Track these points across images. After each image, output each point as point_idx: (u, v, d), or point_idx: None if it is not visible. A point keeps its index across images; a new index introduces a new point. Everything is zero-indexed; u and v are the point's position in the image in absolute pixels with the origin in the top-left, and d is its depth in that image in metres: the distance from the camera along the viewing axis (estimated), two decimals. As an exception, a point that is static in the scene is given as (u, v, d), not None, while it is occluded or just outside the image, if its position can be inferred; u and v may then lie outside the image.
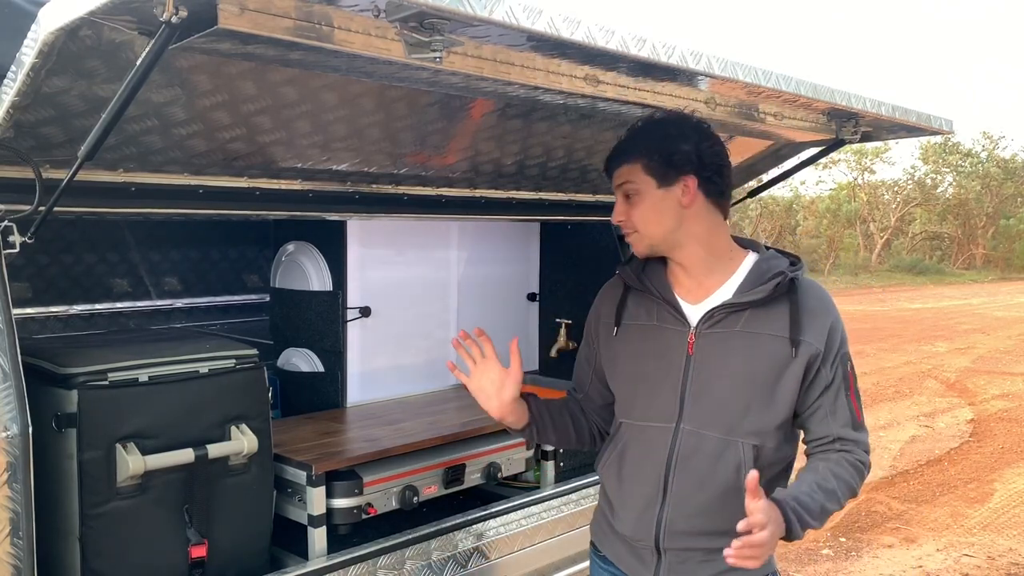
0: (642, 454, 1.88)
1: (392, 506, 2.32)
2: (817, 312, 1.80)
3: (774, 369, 1.78)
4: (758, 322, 1.80)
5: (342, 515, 2.21)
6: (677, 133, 1.82)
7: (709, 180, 1.81)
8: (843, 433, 1.79)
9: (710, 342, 1.82)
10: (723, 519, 1.77)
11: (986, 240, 36.10)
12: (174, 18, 1.19)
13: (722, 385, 1.81)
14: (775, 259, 1.86)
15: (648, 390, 1.89)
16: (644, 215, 1.84)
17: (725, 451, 1.79)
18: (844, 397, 1.79)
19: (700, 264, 1.85)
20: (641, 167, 1.83)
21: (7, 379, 1.62)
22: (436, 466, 2.43)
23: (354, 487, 2.23)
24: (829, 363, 1.78)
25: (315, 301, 2.86)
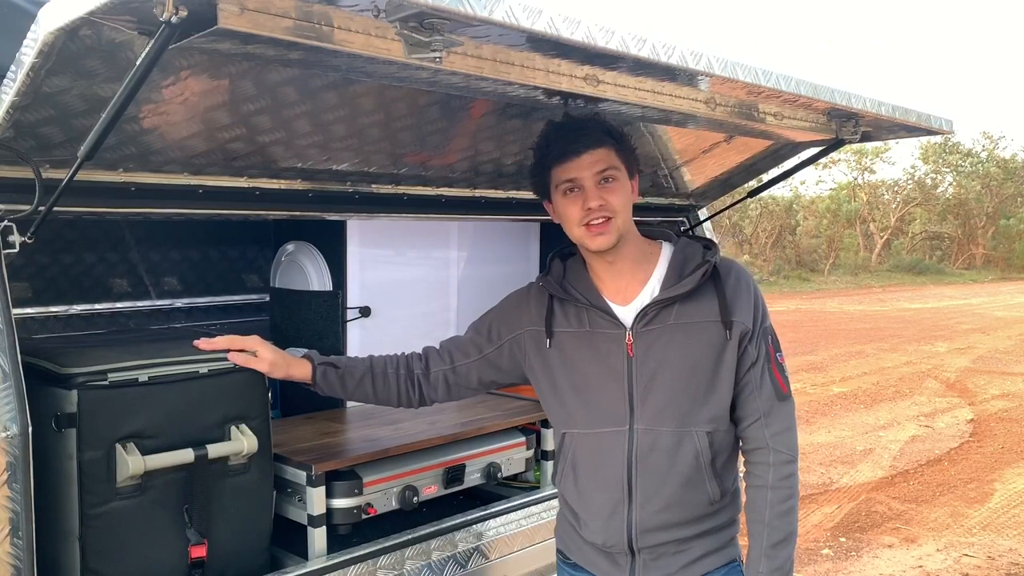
0: (599, 462, 1.88)
1: (392, 506, 2.32)
2: (741, 290, 1.86)
3: (713, 354, 1.83)
4: (689, 311, 1.84)
5: (342, 515, 2.21)
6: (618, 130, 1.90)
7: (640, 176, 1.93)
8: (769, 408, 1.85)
9: (648, 340, 1.84)
10: (689, 508, 1.86)
11: (986, 240, 36.11)
12: (174, 18, 1.19)
13: (668, 379, 1.83)
14: (690, 247, 1.92)
15: (592, 398, 1.89)
16: (622, 201, 1.84)
17: (681, 443, 1.83)
18: (767, 371, 1.86)
19: (630, 258, 1.89)
20: (615, 153, 1.85)
21: (7, 379, 1.62)
22: (436, 466, 2.43)
23: (354, 487, 2.22)
24: (755, 339, 1.85)
25: (315, 301, 2.86)
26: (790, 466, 1.86)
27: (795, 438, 1.89)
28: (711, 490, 1.86)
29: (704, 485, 1.85)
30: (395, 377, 2.08)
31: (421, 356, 2.13)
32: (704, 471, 1.84)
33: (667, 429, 1.83)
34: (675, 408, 1.83)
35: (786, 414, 1.88)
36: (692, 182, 3.25)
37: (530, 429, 2.75)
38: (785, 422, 1.87)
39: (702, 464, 1.84)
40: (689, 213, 3.44)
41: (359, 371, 2.07)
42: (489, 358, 2.07)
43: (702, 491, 1.85)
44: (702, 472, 1.84)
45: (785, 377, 1.89)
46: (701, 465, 1.84)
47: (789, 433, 1.87)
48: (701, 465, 1.84)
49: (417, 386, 2.09)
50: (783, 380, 1.88)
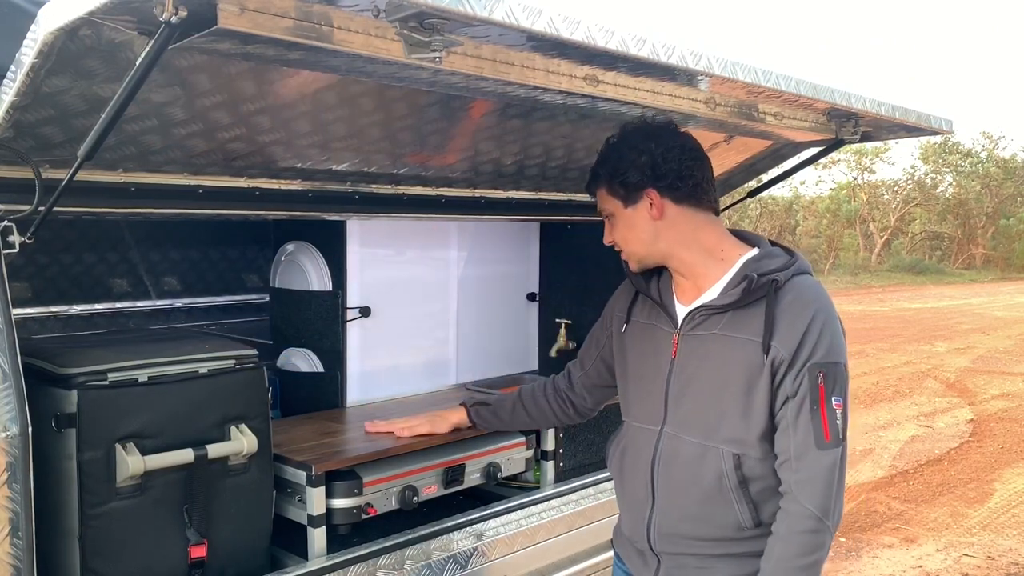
0: (634, 455, 1.91)
1: (392, 506, 2.31)
2: (792, 316, 1.70)
3: (746, 375, 1.72)
4: (736, 325, 1.75)
5: (342, 515, 2.21)
6: (629, 150, 1.82)
7: (671, 187, 1.80)
8: (800, 452, 1.67)
9: (690, 345, 1.81)
10: (713, 527, 1.77)
11: (986, 240, 36.11)
12: (174, 18, 1.19)
13: (699, 389, 1.79)
14: (768, 258, 1.80)
15: (640, 391, 1.93)
16: (623, 235, 1.88)
17: (705, 457, 1.77)
18: (808, 411, 1.67)
19: (692, 267, 1.84)
20: (607, 191, 1.86)
21: (7, 379, 1.62)
22: (436, 466, 2.43)
23: (354, 487, 2.22)
24: (795, 372, 1.68)
25: (315, 301, 2.86)
26: (808, 521, 1.66)
27: (825, 493, 1.66)
28: (740, 514, 1.75)
29: (731, 507, 1.74)
30: (545, 399, 2.24)
31: (564, 372, 2.25)
32: (731, 492, 1.74)
33: (692, 439, 1.78)
34: (702, 420, 1.77)
35: (821, 464, 1.66)
36: (692, 182, 3.24)
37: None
38: (816, 471, 1.67)
39: (727, 484, 1.74)
40: (689, 213, 3.44)
41: (509, 402, 2.30)
42: (605, 347, 2.10)
43: (729, 513, 1.75)
44: (727, 493, 1.74)
45: (835, 425, 1.67)
46: (726, 485, 1.74)
47: (817, 485, 1.66)
48: (726, 485, 1.74)
49: (567, 401, 2.22)
50: (829, 426, 1.66)
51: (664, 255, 1.85)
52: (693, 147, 1.85)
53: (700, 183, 1.82)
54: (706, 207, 1.84)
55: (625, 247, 1.90)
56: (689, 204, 1.82)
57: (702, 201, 1.83)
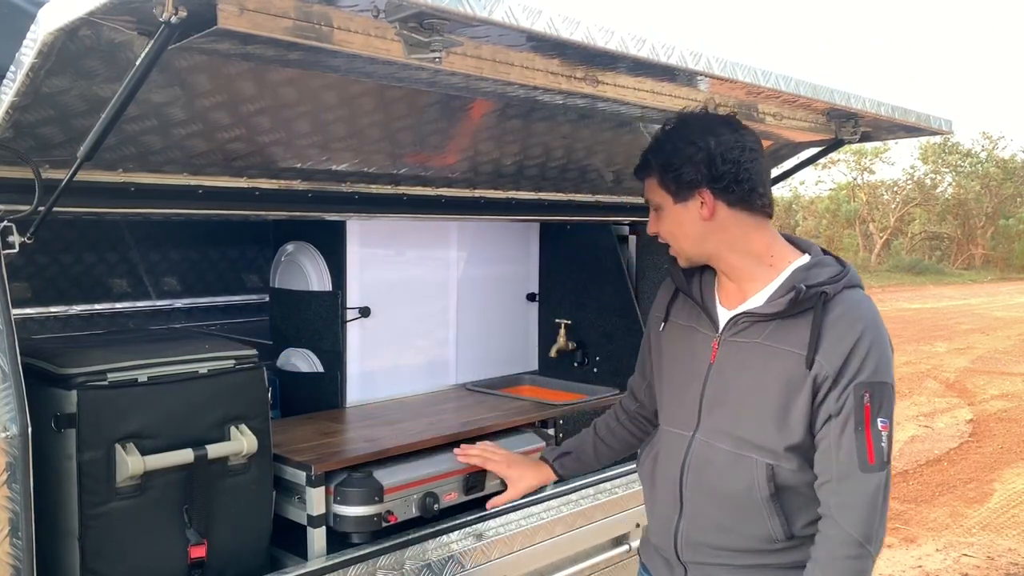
0: (665, 460, 1.85)
1: (412, 513, 2.25)
2: (839, 331, 1.63)
3: (788, 387, 1.66)
4: (780, 335, 1.68)
5: (361, 523, 2.16)
6: (686, 143, 1.72)
7: (726, 190, 1.70)
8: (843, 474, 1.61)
9: (730, 351, 1.75)
10: (743, 538, 1.72)
11: (985, 240, 36.12)
12: (173, 18, 1.19)
13: (735, 397, 1.73)
14: (818, 267, 1.72)
15: (674, 394, 1.88)
16: (670, 230, 1.81)
17: (737, 465, 1.71)
18: (852, 431, 1.60)
19: (739, 271, 1.77)
20: (657, 182, 1.78)
21: (6, 379, 1.61)
22: (456, 472, 2.37)
23: (374, 494, 2.17)
24: (839, 390, 1.61)
25: (315, 301, 2.86)
26: (849, 547, 1.59)
27: (868, 518, 1.59)
28: (772, 527, 1.69)
29: (763, 520, 1.69)
30: (621, 427, 2.16)
31: (628, 392, 2.18)
32: (762, 504, 1.68)
33: (724, 447, 1.73)
34: (736, 428, 1.72)
35: (864, 488, 1.59)
36: (692, 182, 3.25)
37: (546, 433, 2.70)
38: (859, 496, 1.60)
39: (758, 496, 1.68)
40: (689, 213, 3.44)
41: (588, 442, 2.20)
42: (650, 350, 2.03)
43: (760, 525, 1.69)
44: (759, 504, 1.68)
45: (880, 447, 1.61)
46: (757, 496, 1.68)
47: (860, 510, 1.59)
48: (757, 496, 1.68)
49: (642, 419, 2.13)
50: (874, 448, 1.60)
51: (710, 255, 1.79)
52: (753, 146, 1.73)
53: (756, 187, 1.72)
54: (759, 211, 1.75)
55: (671, 242, 1.83)
56: (742, 207, 1.73)
57: (756, 205, 1.74)
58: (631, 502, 2.81)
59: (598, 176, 2.92)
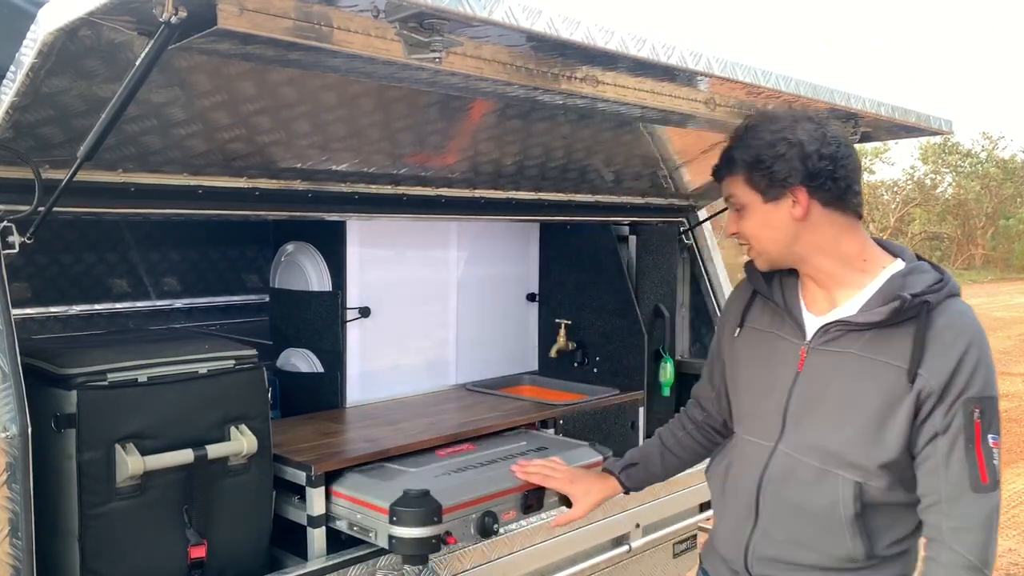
0: (740, 470, 1.77)
1: (471, 535, 2.13)
2: (945, 344, 1.53)
3: (885, 402, 1.56)
4: (878, 346, 1.58)
5: (419, 546, 2.01)
6: (778, 140, 1.61)
7: (821, 187, 1.59)
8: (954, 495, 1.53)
9: (821, 360, 1.65)
10: (816, 554, 1.65)
11: (985, 240, 36.12)
12: (173, 18, 1.19)
13: (825, 410, 1.63)
14: (915, 274, 1.62)
15: (754, 403, 1.78)
16: (755, 231, 1.69)
17: (822, 482, 1.62)
18: (963, 449, 1.51)
19: (829, 276, 1.67)
20: (743, 180, 1.66)
21: (6, 379, 1.62)
22: (514, 490, 2.23)
23: (432, 515, 2.02)
24: (946, 405, 1.52)
25: (315, 301, 2.86)
26: (967, 572, 1.52)
27: (984, 541, 1.53)
28: (852, 547, 1.61)
29: (844, 539, 1.61)
30: (688, 437, 2.04)
31: (693, 401, 2.06)
32: (845, 524, 1.60)
33: (810, 461, 1.64)
34: (824, 442, 1.62)
35: (979, 510, 1.52)
36: (692, 182, 3.25)
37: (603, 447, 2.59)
38: (974, 519, 1.52)
39: (842, 515, 1.60)
40: (689, 213, 3.44)
41: (655, 453, 2.07)
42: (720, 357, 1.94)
43: (840, 544, 1.62)
44: (841, 523, 1.60)
45: (992, 465, 1.52)
46: (841, 516, 1.60)
47: (976, 533, 1.52)
48: (841, 516, 1.60)
49: (710, 429, 2.02)
50: (986, 467, 1.51)
51: (799, 259, 1.68)
52: (846, 142, 1.63)
53: (852, 184, 1.62)
54: (852, 212, 1.64)
55: (755, 244, 1.71)
56: (836, 207, 1.62)
57: (850, 205, 1.63)
58: (631, 502, 2.80)
59: (598, 176, 2.92)
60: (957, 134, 10.13)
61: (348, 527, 2.14)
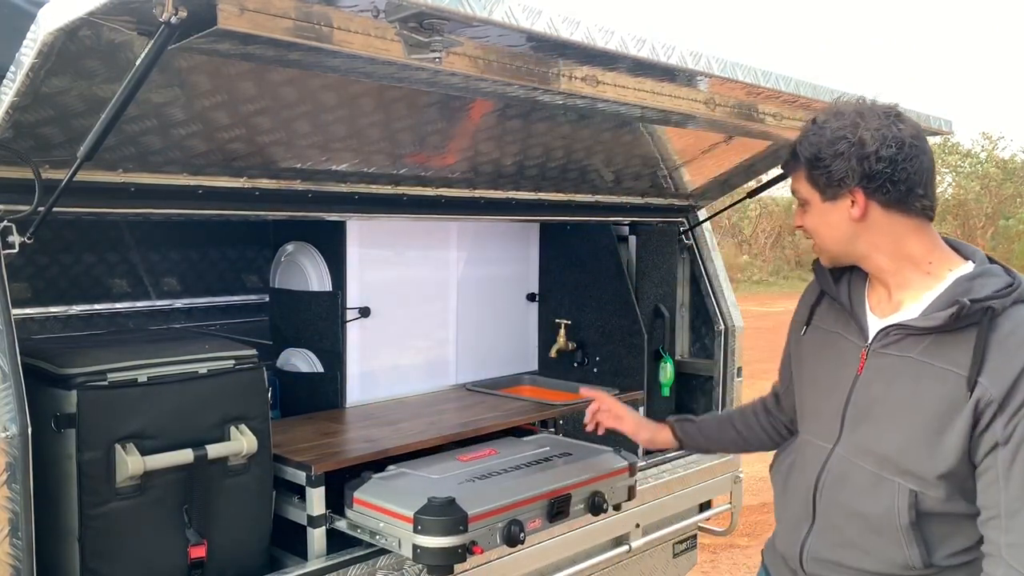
0: (800, 470, 1.77)
1: (497, 543, 2.08)
2: (1009, 351, 1.48)
3: (944, 409, 1.51)
4: (939, 351, 1.53)
5: (444, 556, 1.97)
6: (839, 139, 1.57)
7: (880, 189, 1.55)
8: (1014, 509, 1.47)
9: (881, 363, 1.62)
10: (871, 560, 1.62)
11: (985, 240, 36.05)
12: (173, 18, 1.19)
13: (882, 414, 1.61)
14: (983, 278, 1.56)
15: (815, 403, 1.77)
16: (815, 227, 1.68)
17: (877, 487, 1.60)
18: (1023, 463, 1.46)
19: (892, 276, 1.63)
20: (804, 177, 1.65)
21: (6, 379, 1.62)
22: (540, 497, 2.20)
23: (458, 523, 1.98)
24: (1007, 416, 1.46)
25: (314, 301, 2.86)
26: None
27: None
28: (910, 555, 1.57)
29: (899, 546, 1.57)
30: (755, 417, 2.04)
31: (771, 392, 2.05)
32: (901, 531, 1.56)
33: (866, 466, 1.61)
34: (880, 447, 1.60)
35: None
36: (692, 182, 3.25)
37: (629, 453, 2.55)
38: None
39: (897, 522, 1.57)
40: (689, 213, 3.44)
41: (715, 421, 2.15)
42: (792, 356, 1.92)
43: (896, 551, 1.58)
44: (896, 531, 1.57)
45: None
46: (895, 522, 1.57)
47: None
48: (895, 522, 1.57)
49: (778, 424, 2.00)
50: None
51: (860, 257, 1.65)
52: (914, 141, 1.57)
53: (915, 187, 1.56)
54: (918, 213, 1.59)
55: (817, 240, 1.70)
56: (899, 209, 1.57)
57: (914, 207, 1.57)
58: (631, 503, 2.80)
59: (598, 176, 2.92)
60: (957, 134, 10.15)
61: (370, 536, 2.10)
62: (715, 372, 3.42)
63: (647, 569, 3.09)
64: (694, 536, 3.32)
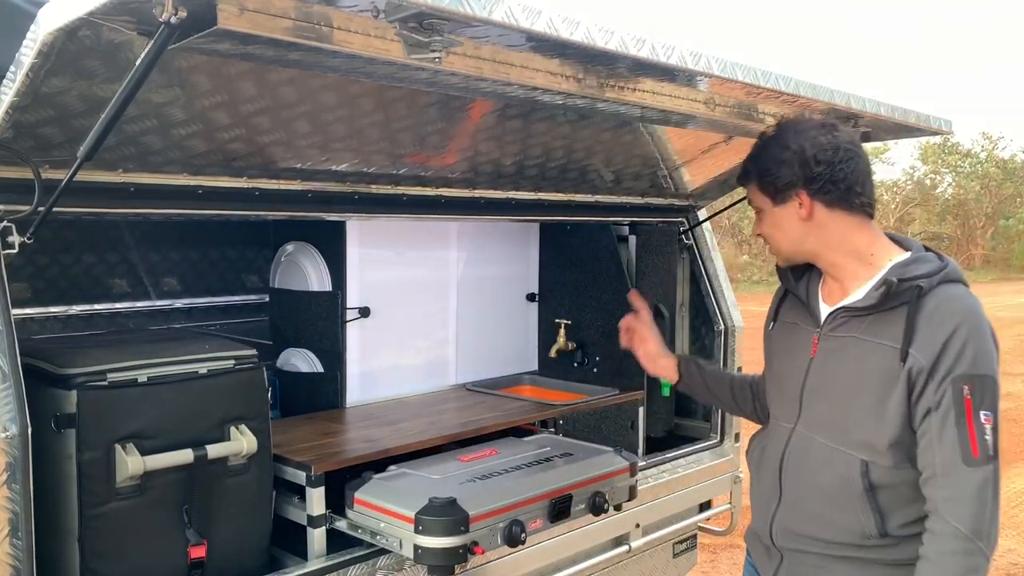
0: (768, 450, 1.94)
1: (497, 544, 2.08)
2: (934, 325, 1.65)
3: (884, 382, 1.69)
4: (877, 329, 1.72)
5: (445, 556, 1.97)
6: (781, 148, 1.79)
7: (822, 191, 1.75)
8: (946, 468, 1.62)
9: (830, 346, 1.81)
10: (832, 529, 1.76)
11: (985, 240, 36.11)
12: (173, 18, 1.19)
13: (833, 391, 1.79)
14: (917, 263, 1.74)
15: (780, 389, 1.96)
16: (770, 231, 1.88)
17: (832, 460, 1.76)
18: (954, 424, 1.61)
19: (841, 269, 1.82)
20: (756, 186, 1.86)
21: (6, 380, 1.62)
22: (542, 497, 2.20)
23: (459, 524, 1.98)
24: (936, 383, 1.63)
25: (314, 301, 2.86)
26: (958, 542, 1.59)
27: (976, 513, 1.59)
28: (866, 523, 1.72)
29: (855, 513, 1.72)
30: (748, 390, 2.19)
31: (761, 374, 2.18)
32: (856, 499, 1.72)
33: (822, 440, 1.79)
34: (833, 422, 1.78)
35: (969, 481, 1.60)
36: (691, 182, 3.25)
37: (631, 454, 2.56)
38: (963, 490, 1.60)
39: (852, 490, 1.72)
40: (688, 213, 3.44)
41: (717, 375, 2.29)
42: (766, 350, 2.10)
43: (854, 519, 1.73)
44: (852, 499, 1.72)
45: (984, 440, 1.60)
46: (850, 491, 1.72)
47: (965, 504, 1.60)
48: (850, 491, 1.72)
49: (760, 400, 2.14)
50: (977, 441, 1.60)
51: (812, 254, 1.85)
52: (850, 147, 1.77)
53: (853, 186, 1.76)
54: (858, 210, 1.78)
55: (773, 243, 1.90)
56: (841, 207, 1.77)
57: (854, 205, 1.78)
58: (631, 503, 2.80)
59: (598, 176, 2.92)
60: (957, 134, 10.11)
61: (371, 536, 2.11)
62: (715, 372, 3.42)
63: (647, 569, 3.09)
64: (694, 536, 3.33)
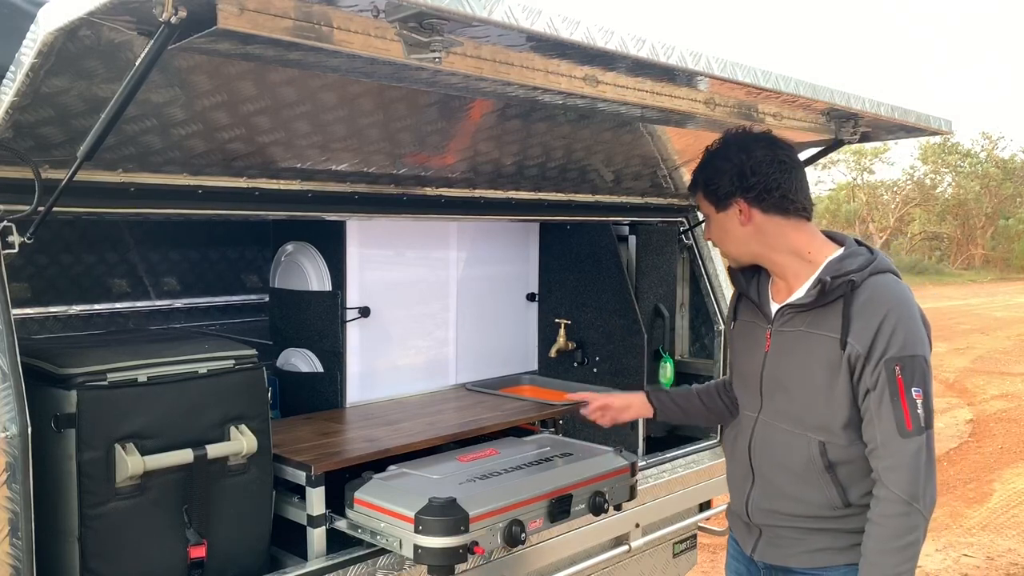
0: (739, 438, 2.10)
1: (497, 543, 2.08)
2: (865, 313, 1.84)
3: (828, 369, 1.87)
4: (819, 321, 1.90)
5: (445, 556, 1.97)
6: (722, 160, 1.97)
7: (758, 199, 1.93)
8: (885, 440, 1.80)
9: (781, 340, 1.99)
10: (805, 505, 1.94)
11: (985, 240, 36.10)
12: (173, 18, 1.19)
13: (787, 381, 1.97)
14: (849, 259, 1.92)
15: (743, 382, 2.12)
16: (718, 236, 2.05)
17: (793, 444, 1.95)
18: (889, 402, 1.80)
19: (785, 268, 1.99)
20: (702, 195, 2.03)
21: (6, 379, 1.62)
22: (542, 497, 2.20)
23: (459, 523, 1.98)
24: (872, 366, 1.82)
25: (314, 301, 2.86)
26: (898, 506, 1.78)
27: (912, 479, 1.78)
28: (830, 496, 1.91)
29: (820, 489, 1.91)
30: (717, 394, 2.34)
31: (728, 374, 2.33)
32: (819, 475, 1.91)
33: (783, 427, 1.97)
34: (791, 409, 1.96)
35: (905, 451, 1.79)
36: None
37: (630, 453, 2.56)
38: (900, 459, 1.79)
39: (814, 469, 1.91)
40: (689, 213, 3.44)
41: (686, 392, 2.42)
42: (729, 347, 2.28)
43: (819, 493, 1.92)
44: (816, 476, 1.91)
45: (916, 413, 1.79)
46: (813, 469, 1.91)
47: (902, 472, 1.79)
48: (813, 469, 1.91)
49: (732, 400, 2.24)
50: (910, 415, 1.79)
51: (757, 256, 2.01)
52: (784, 159, 1.94)
53: (787, 193, 1.93)
54: (794, 215, 1.96)
55: (721, 247, 2.09)
56: (777, 212, 1.94)
57: (789, 210, 1.95)
58: (631, 503, 2.80)
59: (598, 176, 2.92)
60: (957, 134, 10.10)
61: (371, 536, 2.11)
62: (715, 372, 3.42)
63: (647, 569, 3.09)
64: (694, 536, 3.33)
